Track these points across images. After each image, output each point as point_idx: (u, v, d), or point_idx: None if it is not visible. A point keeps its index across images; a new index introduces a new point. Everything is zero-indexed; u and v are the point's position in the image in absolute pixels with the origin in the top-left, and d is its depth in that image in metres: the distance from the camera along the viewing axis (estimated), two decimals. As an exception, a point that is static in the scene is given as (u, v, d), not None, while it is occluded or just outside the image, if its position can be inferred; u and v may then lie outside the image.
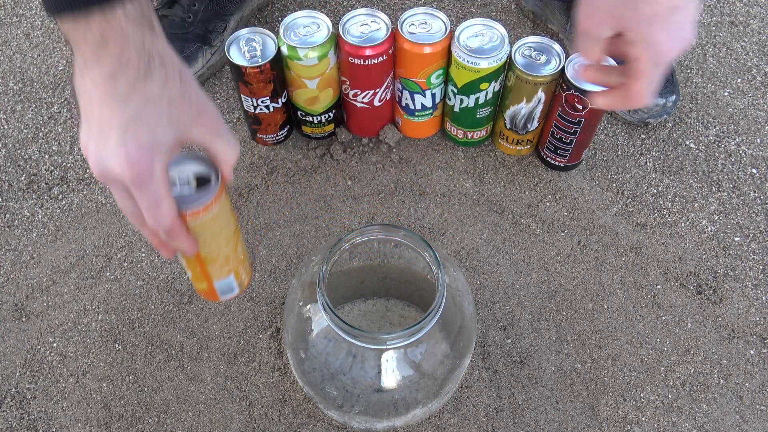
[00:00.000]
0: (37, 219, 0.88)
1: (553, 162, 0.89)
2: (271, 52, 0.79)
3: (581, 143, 0.85)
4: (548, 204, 0.89)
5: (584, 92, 0.75)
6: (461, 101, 0.85)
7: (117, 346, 0.78)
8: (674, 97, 0.92)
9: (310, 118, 0.88)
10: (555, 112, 0.82)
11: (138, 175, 0.46)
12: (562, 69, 0.78)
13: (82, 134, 0.47)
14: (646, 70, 0.55)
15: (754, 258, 0.85)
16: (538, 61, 0.79)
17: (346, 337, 0.57)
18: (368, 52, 0.78)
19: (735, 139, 0.95)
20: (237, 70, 0.79)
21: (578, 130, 0.82)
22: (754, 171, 0.92)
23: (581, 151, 0.87)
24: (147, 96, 0.46)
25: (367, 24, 0.80)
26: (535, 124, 0.86)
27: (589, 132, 0.83)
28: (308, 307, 0.63)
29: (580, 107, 0.78)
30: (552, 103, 0.82)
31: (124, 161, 0.46)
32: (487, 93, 0.83)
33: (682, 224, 0.88)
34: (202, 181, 0.57)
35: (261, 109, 0.85)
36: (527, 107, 0.83)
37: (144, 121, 0.46)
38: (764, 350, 0.79)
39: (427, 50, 0.79)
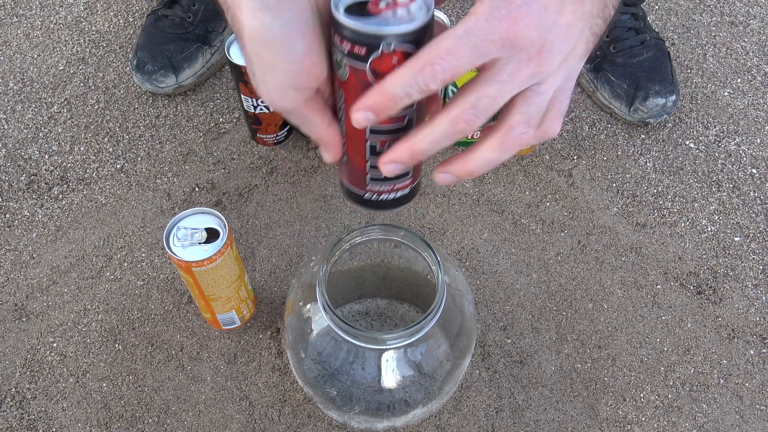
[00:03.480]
0: (37, 219, 0.88)
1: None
2: (271, 52, 0.78)
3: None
4: (548, 204, 0.89)
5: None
6: (461, 101, 0.85)
7: (117, 346, 0.78)
8: (674, 97, 0.92)
9: (310, 118, 0.88)
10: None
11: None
12: None
13: None
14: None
15: (754, 258, 0.85)
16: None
17: (346, 337, 0.57)
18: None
19: (735, 139, 0.95)
20: (237, 70, 0.79)
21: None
22: (754, 171, 0.92)
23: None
24: None
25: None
26: (535, 124, 0.86)
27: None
28: (308, 307, 0.63)
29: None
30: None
31: None
32: (487, 93, 0.83)
33: (682, 224, 0.88)
34: (212, 233, 0.65)
35: (261, 109, 0.85)
36: (527, 107, 0.83)
37: None
38: (764, 350, 0.79)
39: None
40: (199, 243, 0.64)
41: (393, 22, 0.35)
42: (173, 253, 0.63)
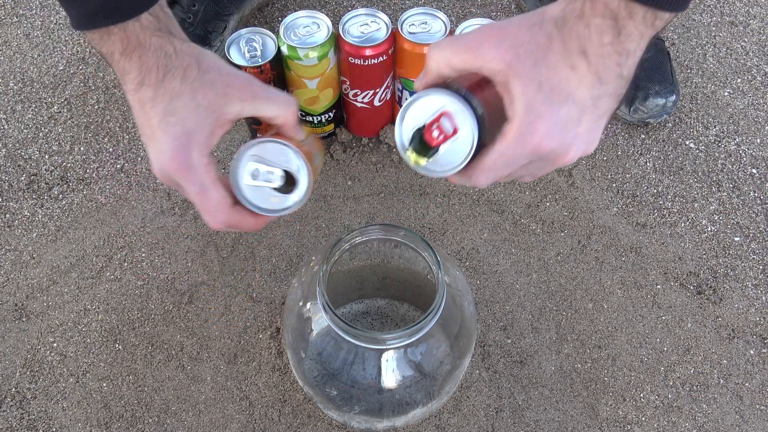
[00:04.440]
0: (37, 219, 0.88)
1: None
2: (271, 52, 0.79)
3: None
4: (548, 204, 0.89)
5: None
6: (461, 101, 0.85)
7: (117, 346, 0.78)
8: (674, 97, 0.92)
9: (310, 118, 0.88)
10: None
11: (178, 167, 0.48)
12: None
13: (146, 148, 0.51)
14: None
15: (754, 258, 0.85)
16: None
17: (347, 337, 0.57)
18: (368, 52, 0.78)
19: (735, 139, 0.95)
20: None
21: None
22: (754, 171, 0.92)
23: None
24: (169, 93, 0.48)
25: (367, 24, 0.80)
26: (535, 124, 0.86)
27: None
28: (308, 307, 0.63)
29: None
30: None
31: (166, 157, 0.48)
32: (487, 93, 0.83)
33: (682, 224, 0.88)
34: (291, 178, 0.52)
35: (261, 109, 0.85)
36: (527, 107, 0.83)
37: (172, 115, 0.48)
38: (764, 350, 0.79)
39: (427, 50, 0.79)
40: (272, 188, 0.51)
41: (456, 155, 0.46)
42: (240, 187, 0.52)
